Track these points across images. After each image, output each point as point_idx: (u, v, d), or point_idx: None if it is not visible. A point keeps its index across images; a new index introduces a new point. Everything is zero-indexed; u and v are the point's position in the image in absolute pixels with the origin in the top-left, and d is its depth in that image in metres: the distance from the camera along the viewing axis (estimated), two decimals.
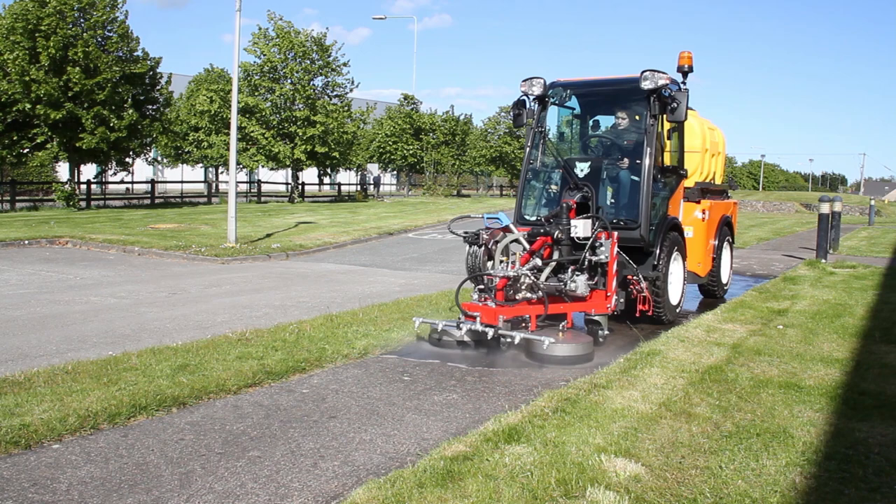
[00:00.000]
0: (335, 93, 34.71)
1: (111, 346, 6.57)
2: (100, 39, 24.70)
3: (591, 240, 6.96)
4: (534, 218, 8.22)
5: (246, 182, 45.16)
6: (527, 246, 7.19)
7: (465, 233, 7.17)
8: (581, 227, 7.10)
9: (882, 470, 3.75)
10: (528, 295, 6.81)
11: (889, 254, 16.03)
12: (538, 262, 7.09)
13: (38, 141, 24.46)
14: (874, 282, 10.71)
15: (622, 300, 7.40)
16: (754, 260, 15.30)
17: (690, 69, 8.32)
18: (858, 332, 7.09)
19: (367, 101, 40.09)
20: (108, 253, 14.50)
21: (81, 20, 24.27)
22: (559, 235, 7.14)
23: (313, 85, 33.41)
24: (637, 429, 4.26)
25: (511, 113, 8.72)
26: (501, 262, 7.05)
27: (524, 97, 8.47)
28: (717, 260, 9.89)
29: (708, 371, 5.56)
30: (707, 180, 9.96)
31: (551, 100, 8.70)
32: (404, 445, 4.31)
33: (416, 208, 28.78)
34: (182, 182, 37.95)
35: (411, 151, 47.28)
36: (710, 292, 10.16)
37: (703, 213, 9.29)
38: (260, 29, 32.59)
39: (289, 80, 32.70)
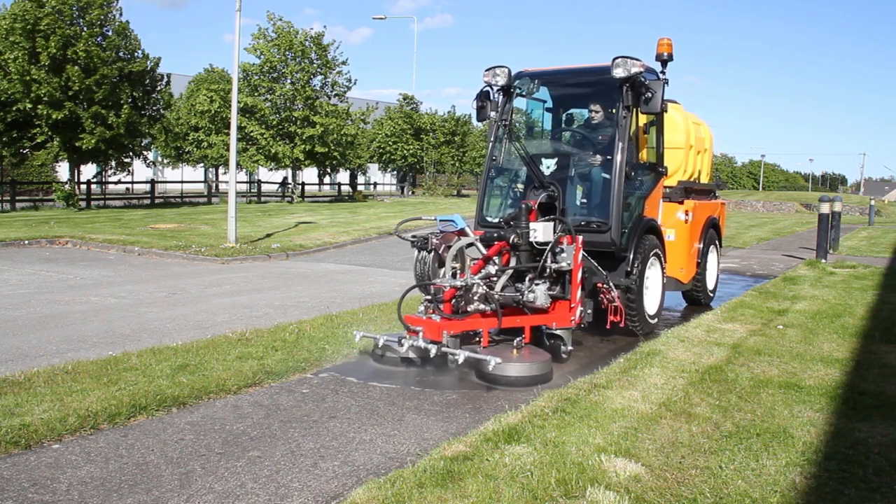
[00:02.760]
0: (334, 92, 34.73)
1: (111, 346, 6.57)
2: (99, 38, 24.71)
3: (553, 245, 6.25)
4: (496, 220, 7.39)
5: (246, 182, 45.17)
6: (483, 251, 6.47)
7: (414, 237, 6.49)
8: (541, 231, 6.34)
9: (882, 470, 3.75)
10: (482, 307, 6.04)
11: (889, 254, 16.03)
12: (492, 269, 6.40)
13: (39, 141, 24.48)
14: (874, 282, 10.71)
15: (590, 311, 6.60)
16: (754, 260, 15.30)
17: (670, 57, 7.64)
18: (858, 332, 7.09)
19: (368, 102, 40.11)
20: (108, 253, 14.50)
21: (80, 19, 24.28)
22: (516, 240, 6.40)
23: (312, 85, 33.44)
24: (637, 429, 4.26)
25: (474, 105, 8.01)
26: (454, 269, 6.30)
27: (488, 88, 7.78)
28: (701, 265, 9.23)
29: (708, 371, 5.56)
30: (691, 179, 9.32)
31: (517, 90, 8.00)
32: (404, 445, 4.31)
33: (416, 208, 28.78)
34: (182, 182, 38.05)
35: (411, 151, 47.31)
36: (695, 299, 9.53)
37: (687, 215, 8.65)
38: (260, 29, 32.66)
39: (288, 80, 32.74)
